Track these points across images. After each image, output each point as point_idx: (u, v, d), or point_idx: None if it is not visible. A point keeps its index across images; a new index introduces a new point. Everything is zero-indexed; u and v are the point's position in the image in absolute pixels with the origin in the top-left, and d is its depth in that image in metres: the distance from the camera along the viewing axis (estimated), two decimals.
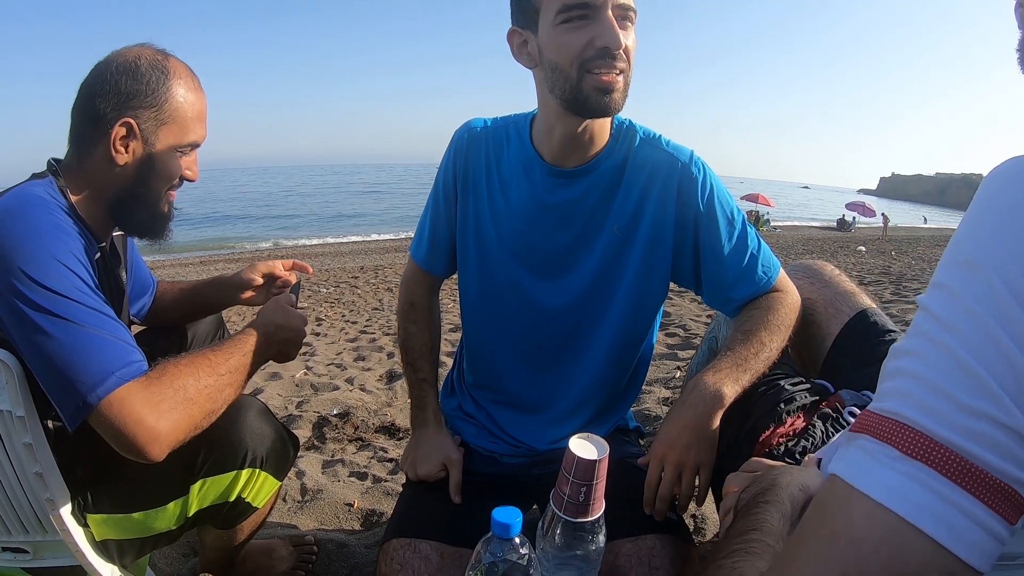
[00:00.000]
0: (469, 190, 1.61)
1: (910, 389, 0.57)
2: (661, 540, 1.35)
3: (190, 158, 1.52)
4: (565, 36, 1.30)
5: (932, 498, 0.54)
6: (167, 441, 1.22)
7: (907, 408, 0.57)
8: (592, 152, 1.48)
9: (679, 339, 5.20)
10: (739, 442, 1.50)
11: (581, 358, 1.60)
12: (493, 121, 1.64)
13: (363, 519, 2.44)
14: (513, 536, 0.99)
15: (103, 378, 1.16)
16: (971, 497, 0.53)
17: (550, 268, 1.55)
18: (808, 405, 1.49)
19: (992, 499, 0.53)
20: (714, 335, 1.95)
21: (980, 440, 0.53)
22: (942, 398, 0.55)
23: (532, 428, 1.66)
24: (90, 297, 1.22)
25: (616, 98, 1.33)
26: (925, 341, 0.58)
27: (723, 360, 1.42)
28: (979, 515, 0.53)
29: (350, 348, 5.44)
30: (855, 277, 9.97)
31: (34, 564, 1.41)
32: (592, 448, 1.01)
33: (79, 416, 1.16)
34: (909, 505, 0.54)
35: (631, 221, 1.49)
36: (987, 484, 0.53)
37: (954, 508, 0.53)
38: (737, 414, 1.55)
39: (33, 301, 1.16)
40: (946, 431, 0.54)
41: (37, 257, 1.18)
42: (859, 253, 17.14)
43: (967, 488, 0.53)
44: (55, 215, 1.28)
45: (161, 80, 1.41)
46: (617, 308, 1.54)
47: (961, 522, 0.53)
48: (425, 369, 1.74)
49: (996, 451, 0.53)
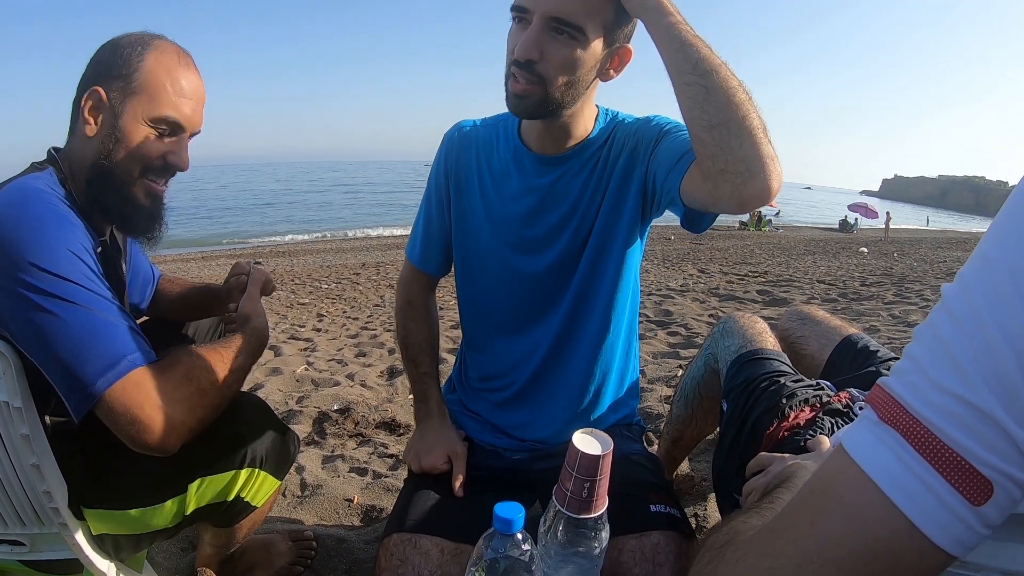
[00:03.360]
0: (462, 187, 1.64)
1: (906, 367, 0.59)
2: (665, 537, 1.34)
3: (174, 140, 1.42)
4: (509, 36, 1.37)
5: (898, 464, 0.56)
6: (182, 431, 1.21)
7: (896, 382, 0.59)
8: (574, 141, 1.52)
9: (681, 338, 5.21)
10: (742, 438, 1.50)
11: (570, 314, 1.60)
12: (482, 121, 1.68)
13: (363, 515, 2.43)
14: (515, 532, 0.98)
15: (114, 361, 1.15)
16: (931, 469, 0.54)
17: (538, 247, 1.58)
18: (811, 399, 1.49)
19: (953, 475, 0.54)
20: (711, 351, 1.98)
21: (950, 417, 0.54)
22: (924, 376, 0.57)
23: (535, 420, 1.66)
24: (96, 284, 1.20)
25: (526, 105, 1.36)
26: (929, 326, 0.59)
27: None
28: (937, 488, 0.54)
29: (351, 344, 5.43)
30: (857, 279, 9.98)
31: (31, 556, 1.40)
32: (596, 443, 1.00)
33: (87, 403, 1.14)
34: (878, 470, 0.57)
35: (612, 190, 1.51)
36: (948, 459, 0.54)
37: (915, 477, 0.55)
38: (738, 410, 1.54)
39: (40, 288, 1.13)
40: (919, 404, 0.56)
41: (43, 246, 1.15)
42: (861, 255, 17.12)
43: (928, 459, 0.55)
44: (56, 205, 1.24)
45: (136, 51, 1.36)
46: (587, 259, 1.55)
47: (919, 490, 0.54)
48: (426, 363, 1.76)
49: (966, 431, 0.53)
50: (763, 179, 1.14)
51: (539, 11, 1.27)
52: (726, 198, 1.19)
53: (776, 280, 9.68)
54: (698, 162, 1.22)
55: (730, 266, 12.89)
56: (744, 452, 1.45)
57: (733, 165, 1.14)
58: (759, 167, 1.14)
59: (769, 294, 7.83)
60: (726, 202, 1.20)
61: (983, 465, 0.53)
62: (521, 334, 1.64)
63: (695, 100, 1.17)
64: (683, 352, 4.71)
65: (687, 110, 1.19)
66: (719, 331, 1.97)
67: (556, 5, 1.26)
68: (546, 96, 1.35)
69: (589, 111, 1.51)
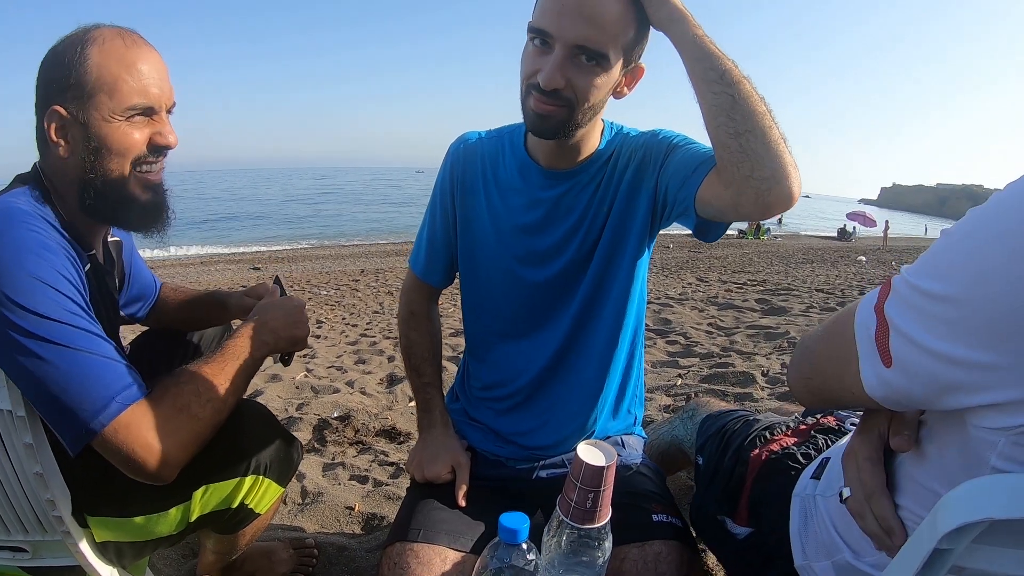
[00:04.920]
0: (468, 199, 1.64)
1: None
2: (667, 546, 1.36)
3: (157, 122, 1.35)
4: (525, 54, 1.36)
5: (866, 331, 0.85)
6: (176, 462, 1.21)
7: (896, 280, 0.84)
8: (582, 155, 1.52)
9: (680, 347, 5.21)
10: (724, 465, 1.48)
11: (576, 322, 1.60)
12: (487, 133, 1.68)
13: (364, 523, 2.43)
14: (521, 542, 0.99)
15: (104, 404, 1.14)
16: (875, 342, 0.83)
17: (543, 258, 1.58)
18: (792, 425, 1.48)
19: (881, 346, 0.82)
20: (676, 435, 1.99)
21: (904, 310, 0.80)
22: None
23: (539, 429, 1.65)
24: (81, 318, 1.17)
25: (547, 126, 1.37)
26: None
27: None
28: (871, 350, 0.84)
29: (351, 351, 5.43)
30: (856, 287, 10.00)
31: (33, 563, 1.39)
32: (600, 454, 1.01)
33: (81, 443, 1.14)
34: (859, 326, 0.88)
35: (619, 202, 1.51)
36: (883, 341, 0.81)
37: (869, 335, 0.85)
38: (715, 453, 1.54)
39: (23, 328, 1.10)
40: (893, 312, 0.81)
41: (21, 281, 1.11)
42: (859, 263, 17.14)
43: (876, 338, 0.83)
44: (36, 230, 1.19)
45: (76, 52, 1.26)
46: (595, 269, 1.55)
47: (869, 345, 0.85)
48: (429, 373, 1.76)
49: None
50: (787, 185, 1.16)
51: (564, 39, 1.26)
52: (749, 203, 1.20)
53: (775, 289, 9.70)
54: (720, 169, 1.23)
55: (729, 275, 12.91)
56: (730, 476, 1.44)
57: (759, 171, 1.16)
58: (783, 174, 1.16)
59: (767, 303, 7.82)
60: (748, 208, 1.21)
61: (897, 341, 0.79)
62: (525, 341, 1.64)
63: (721, 108, 1.18)
64: (682, 361, 4.71)
65: (712, 117, 1.20)
66: (687, 415, 1.98)
67: (582, 34, 1.25)
68: (570, 119, 1.36)
69: (597, 126, 1.51)
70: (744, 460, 1.42)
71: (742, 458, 1.43)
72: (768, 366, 4.33)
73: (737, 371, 4.20)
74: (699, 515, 1.53)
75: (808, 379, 1.07)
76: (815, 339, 1.05)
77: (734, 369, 4.26)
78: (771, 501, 1.30)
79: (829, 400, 1.06)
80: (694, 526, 1.54)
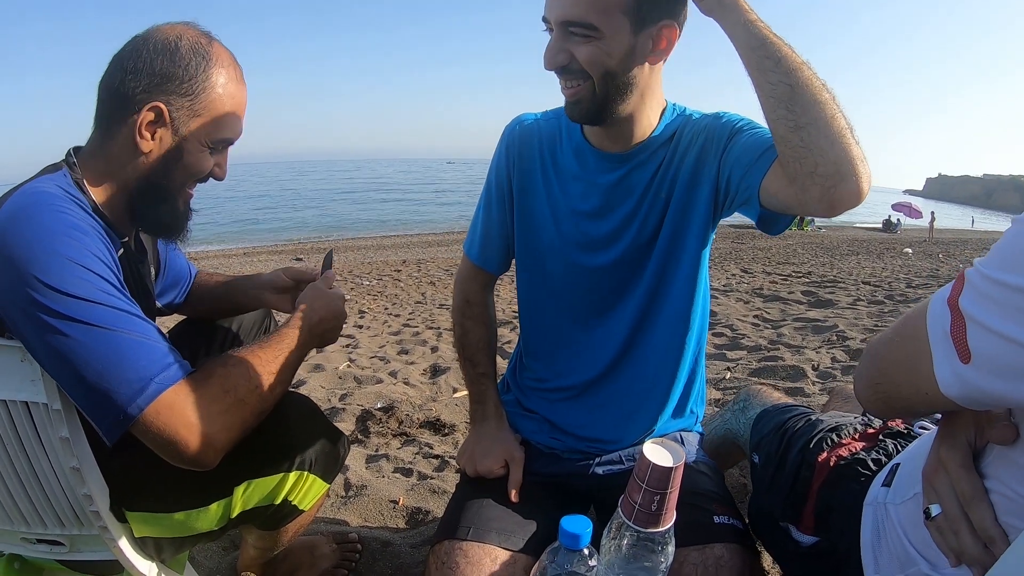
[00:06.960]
0: (526, 184, 1.60)
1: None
2: (729, 550, 1.31)
3: (221, 155, 1.41)
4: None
5: (940, 324, 0.81)
6: (220, 445, 1.16)
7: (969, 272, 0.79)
8: (636, 138, 1.47)
9: (726, 339, 5.15)
10: (786, 470, 1.41)
11: (641, 312, 1.55)
12: (544, 115, 1.64)
13: (408, 517, 2.38)
14: (582, 547, 0.94)
15: (143, 386, 1.09)
16: (951, 336, 0.79)
17: (603, 244, 1.54)
18: (860, 428, 1.41)
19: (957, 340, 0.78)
20: (730, 427, 1.94)
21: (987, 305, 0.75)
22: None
23: (596, 421, 1.60)
24: (116, 298, 1.12)
25: (581, 109, 1.38)
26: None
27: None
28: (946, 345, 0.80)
29: (393, 341, 5.44)
30: (903, 280, 9.76)
31: (70, 557, 1.37)
32: (668, 455, 0.94)
33: (119, 429, 1.09)
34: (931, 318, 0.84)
35: (681, 187, 1.46)
36: (959, 334, 0.78)
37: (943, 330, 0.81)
38: (774, 453, 1.47)
39: (54, 310, 1.05)
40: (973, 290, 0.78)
41: (52, 262, 1.07)
42: (905, 255, 16.79)
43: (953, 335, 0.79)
44: (67, 213, 1.15)
45: (201, 66, 1.29)
46: (658, 257, 1.50)
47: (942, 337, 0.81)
48: (484, 363, 1.72)
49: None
50: (854, 181, 1.09)
51: (555, 20, 1.30)
52: (815, 201, 1.13)
53: (820, 281, 9.49)
54: (782, 164, 1.17)
55: (773, 266, 12.73)
56: (794, 481, 1.37)
57: (823, 167, 1.09)
58: (849, 169, 1.09)
59: (814, 295, 7.66)
60: (815, 205, 1.14)
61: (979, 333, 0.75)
62: (586, 331, 1.59)
63: (780, 99, 1.12)
64: (729, 354, 4.64)
65: (771, 110, 1.14)
66: (739, 407, 1.93)
67: (564, 11, 1.28)
68: (595, 95, 1.34)
69: (652, 105, 1.44)
70: (810, 464, 1.35)
71: (807, 461, 1.36)
72: (818, 360, 4.22)
73: (787, 365, 4.11)
74: (759, 518, 1.47)
75: (877, 384, 1.01)
76: (882, 343, 1.01)
77: (783, 363, 4.17)
78: (841, 510, 1.23)
79: (900, 407, 1.00)
80: (752, 529, 1.48)
